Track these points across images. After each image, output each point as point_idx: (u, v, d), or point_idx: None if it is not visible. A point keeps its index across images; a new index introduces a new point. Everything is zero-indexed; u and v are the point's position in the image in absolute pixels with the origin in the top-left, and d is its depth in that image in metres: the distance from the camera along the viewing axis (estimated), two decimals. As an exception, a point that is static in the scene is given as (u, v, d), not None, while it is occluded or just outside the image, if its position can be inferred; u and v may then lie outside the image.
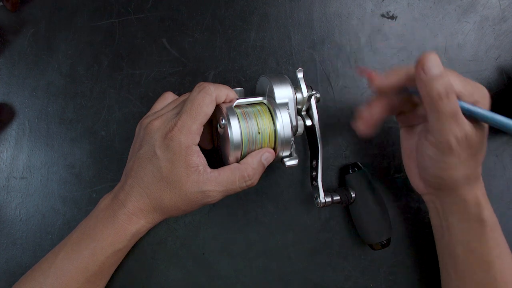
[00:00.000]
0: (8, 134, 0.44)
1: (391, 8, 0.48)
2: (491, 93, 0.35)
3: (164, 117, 0.36)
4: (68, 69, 0.45)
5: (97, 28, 0.45)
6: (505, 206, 0.46)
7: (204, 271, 0.44)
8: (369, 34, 0.47)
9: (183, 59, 0.46)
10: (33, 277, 0.35)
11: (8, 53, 0.44)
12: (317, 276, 0.45)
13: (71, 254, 0.35)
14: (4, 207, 0.43)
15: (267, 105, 0.38)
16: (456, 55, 0.47)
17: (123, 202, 0.35)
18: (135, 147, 0.37)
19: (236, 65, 0.46)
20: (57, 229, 0.43)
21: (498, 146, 0.47)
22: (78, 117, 0.44)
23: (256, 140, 0.36)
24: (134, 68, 0.45)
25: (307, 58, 0.47)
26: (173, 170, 0.34)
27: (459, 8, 0.48)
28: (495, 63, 0.48)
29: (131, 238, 0.36)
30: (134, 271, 0.43)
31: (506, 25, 0.48)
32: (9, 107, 0.44)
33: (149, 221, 0.37)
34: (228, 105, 0.36)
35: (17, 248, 0.43)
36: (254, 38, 0.46)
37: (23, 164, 0.43)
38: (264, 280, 0.44)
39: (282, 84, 0.38)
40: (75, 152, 0.44)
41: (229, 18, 0.46)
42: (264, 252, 0.44)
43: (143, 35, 0.45)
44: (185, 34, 0.46)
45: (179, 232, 0.44)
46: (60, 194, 0.43)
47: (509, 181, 0.46)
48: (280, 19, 0.47)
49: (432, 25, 0.48)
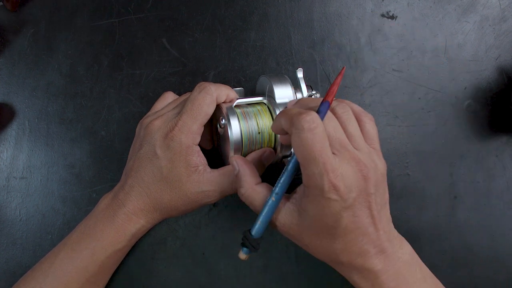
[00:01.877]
0: (8, 134, 0.44)
1: (391, 8, 0.48)
2: (491, 93, 0.35)
3: (165, 117, 0.36)
4: (68, 69, 0.45)
5: (97, 28, 0.45)
6: (505, 206, 0.46)
7: (204, 271, 0.44)
8: (369, 34, 0.47)
9: (183, 59, 0.46)
10: (33, 277, 0.35)
11: (8, 53, 0.44)
12: (317, 276, 0.45)
13: (71, 254, 0.35)
14: (4, 207, 0.43)
15: (267, 105, 0.38)
16: (456, 55, 0.47)
17: (123, 201, 0.35)
18: (135, 146, 0.37)
19: (236, 65, 0.46)
20: (57, 229, 0.43)
21: (498, 146, 0.47)
22: (78, 117, 0.44)
23: (256, 140, 0.36)
24: (134, 68, 0.45)
25: (307, 58, 0.47)
26: (174, 170, 0.34)
27: (459, 8, 0.48)
28: (495, 63, 0.48)
29: (131, 238, 0.36)
30: (134, 271, 0.43)
31: (506, 25, 0.48)
32: (9, 107, 0.44)
33: (149, 221, 0.37)
34: (228, 105, 0.36)
35: (17, 248, 0.43)
36: (254, 38, 0.46)
37: (23, 164, 0.43)
38: (264, 280, 0.44)
39: (282, 84, 0.38)
40: (75, 152, 0.44)
41: (229, 18, 0.46)
42: (264, 252, 0.44)
43: (143, 35, 0.45)
44: (185, 34, 0.46)
45: (179, 232, 0.44)
46: (60, 194, 0.43)
47: (509, 181, 0.46)
48: (280, 19, 0.47)
49: (432, 25, 0.48)
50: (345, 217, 0.28)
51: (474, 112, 0.47)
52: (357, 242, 0.29)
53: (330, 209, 0.28)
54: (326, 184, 0.27)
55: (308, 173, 0.28)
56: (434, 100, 0.47)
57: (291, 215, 0.31)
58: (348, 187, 0.28)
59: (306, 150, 0.27)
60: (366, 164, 0.29)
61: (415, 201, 0.46)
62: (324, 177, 0.27)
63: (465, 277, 0.45)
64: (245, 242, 0.31)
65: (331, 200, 0.28)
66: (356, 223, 0.29)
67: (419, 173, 0.46)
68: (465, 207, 0.46)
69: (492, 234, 0.45)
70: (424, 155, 0.46)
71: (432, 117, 0.47)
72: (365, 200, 0.29)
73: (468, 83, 0.47)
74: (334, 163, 0.28)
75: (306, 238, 0.31)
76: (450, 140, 0.46)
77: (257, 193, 0.32)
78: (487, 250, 0.45)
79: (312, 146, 0.27)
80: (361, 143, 0.31)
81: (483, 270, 0.45)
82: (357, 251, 0.30)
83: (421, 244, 0.46)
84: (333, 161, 0.28)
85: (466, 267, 0.45)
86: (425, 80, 0.47)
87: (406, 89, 0.47)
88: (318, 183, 0.28)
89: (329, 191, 0.27)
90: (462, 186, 0.46)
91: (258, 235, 0.31)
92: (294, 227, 0.31)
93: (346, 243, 0.29)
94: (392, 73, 0.47)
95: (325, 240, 0.30)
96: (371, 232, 0.29)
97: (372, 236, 0.30)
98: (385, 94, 0.47)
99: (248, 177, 0.33)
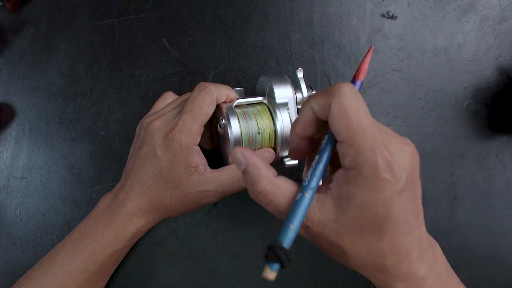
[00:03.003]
0: (8, 134, 0.44)
1: (391, 8, 0.48)
2: (491, 93, 0.35)
3: (165, 117, 0.36)
4: (68, 69, 0.45)
5: (97, 28, 0.45)
6: (505, 206, 0.46)
7: (204, 271, 0.44)
8: (369, 34, 0.47)
9: (183, 59, 0.46)
10: (33, 276, 0.35)
11: (8, 53, 0.44)
12: (317, 275, 0.45)
13: (71, 253, 0.35)
14: (4, 207, 0.43)
15: (267, 105, 0.38)
16: (456, 55, 0.47)
17: (123, 201, 0.35)
18: (135, 147, 0.37)
19: (236, 65, 0.46)
20: (57, 229, 0.43)
21: (498, 146, 0.47)
22: (78, 117, 0.44)
23: (256, 140, 0.36)
24: (134, 68, 0.45)
25: (307, 58, 0.47)
26: (174, 170, 0.34)
27: (459, 8, 0.48)
28: (495, 63, 0.48)
29: (131, 238, 0.36)
30: (134, 271, 0.43)
31: (506, 25, 0.48)
32: (9, 107, 0.44)
33: (149, 221, 0.37)
34: (228, 105, 0.36)
35: (17, 248, 0.43)
36: (254, 38, 0.46)
37: (23, 164, 0.43)
38: (264, 280, 0.44)
39: (282, 84, 0.38)
40: (75, 152, 0.44)
41: (229, 18, 0.46)
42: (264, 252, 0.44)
43: (143, 35, 0.45)
44: (185, 34, 0.46)
45: (179, 232, 0.44)
46: (60, 194, 0.43)
47: (509, 181, 0.46)
48: (280, 19, 0.47)
49: (432, 25, 0.48)
50: (397, 205, 0.23)
51: (474, 112, 0.47)
52: (404, 238, 0.24)
53: (384, 194, 0.23)
54: (380, 160, 0.22)
55: (355, 150, 0.23)
56: (434, 100, 0.47)
57: (327, 210, 0.25)
58: (400, 165, 0.23)
59: (353, 119, 0.22)
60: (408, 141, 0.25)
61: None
62: (377, 152, 0.22)
63: (465, 277, 0.44)
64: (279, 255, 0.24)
65: (385, 181, 0.22)
66: (405, 213, 0.24)
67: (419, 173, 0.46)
68: (465, 207, 0.46)
69: (492, 234, 0.45)
70: (424, 155, 0.46)
71: (432, 117, 0.47)
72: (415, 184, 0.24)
73: (468, 83, 0.47)
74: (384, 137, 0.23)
75: (346, 238, 0.24)
76: (450, 140, 0.46)
77: (280, 188, 0.25)
78: (487, 250, 0.45)
79: (359, 114, 0.22)
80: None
81: (483, 270, 0.45)
82: (403, 251, 0.24)
83: (421, 244, 0.46)
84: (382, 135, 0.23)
85: (466, 267, 0.45)
86: (425, 80, 0.47)
87: (406, 89, 0.47)
88: (370, 160, 0.22)
89: (384, 170, 0.22)
90: (462, 186, 0.46)
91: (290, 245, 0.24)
92: (331, 224, 0.24)
93: (395, 240, 0.24)
94: (392, 73, 0.47)
95: (370, 238, 0.24)
96: (416, 226, 0.25)
97: (417, 232, 0.25)
98: (385, 94, 0.47)
99: (264, 169, 0.25)
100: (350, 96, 0.23)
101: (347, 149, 0.23)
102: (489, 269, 0.45)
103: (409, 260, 0.25)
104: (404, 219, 0.24)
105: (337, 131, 0.23)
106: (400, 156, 0.23)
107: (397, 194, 0.23)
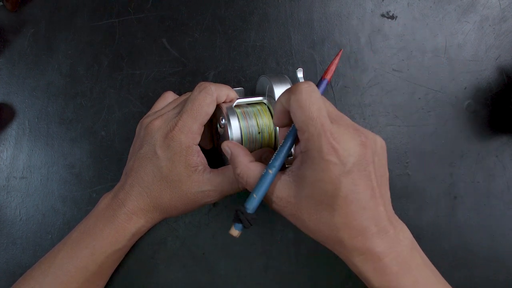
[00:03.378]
0: (8, 134, 0.44)
1: (391, 8, 0.48)
2: (491, 93, 0.35)
3: (165, 116, 0.36)
4: (68, 69, 0.45)
5: (97, 28, 0.45)
6: (505, 206, 0.46)
7: (204, 271, 0.44)
8: (369, 34, 0.47)
9: (183, 59, 0.46)
10: (33, 276, 0.35)
11: (8, 53, 0.44)
12: (317, 275, 0.45)
13: (71, 253, 0.35)
14: (4, 207, 0.43)
15: (267, 105, 0.38)
16: (456, 55, 0.47)
17: (123, 201, 0.35)
18: (136, 146, 0.37)
19: (236, 65, 0.46)
20: (57, 229, 0.43)
21: (498, 146, 0.47)
22: (78, 117, 0.44)
23: (256, 140, 0.36)
24: (134, 68, 0.45)
25: (307, 58, 0.47)
26: (174, 170, 0.34)
27: (459, 8, 0.48)
28: (495, 63, 0.48)
29: (131, 238, 0.36)
30: (134, 271, 0.43)
31: (506, 25, 0.48)
32: (9, 107, 0.44)
33: (149, 221, 0.37)
34: (228, 105, 0.36)
35: (17, 248, 0.43)
36: (254, 38, 0.46)
37: (23, 164, 0.43)
38: (264, 280, 0.44)
39: (282, 84, 0.39)
40: (75, 152, 0.44)
41: (229, 18, 0.46)
42: (264, 252, 0.44)
43: (143, 35, 0.45)
44: (185, 34, 0.46)
45: (179, 232, 0.44)
46: (60, 194, 0.43)
47: (509, 181, 0.46)
48: (280, 19, 0.47)
49: (432, 25, 0.48)
50: (344, 184, 0.27)
51: (474, 112, 0.47)
52: (358, 215, 0.28)
53: (330, 173, 0.27)
54: (324, 145, 0.27)
55: (306, 137, 0.28)
56: (434, 100, 0.47)
57: (288, 187, 0.30)
58: (347, 150, 0.27)
59: (304, 111, 0.28)
60: (364, 133, 0.29)
61: (415, 201, 0.46)
62: (322, 138, 0.27)
63: (465, 277, 0.45)
64: (240, 217, 0.30)
65: (330, 162, 0.27)
66: (356, 193, 0.28)
67: (419, 173, 0.46)
68: (465, 207, 0.46)
69: (492, 234, 0.45)
70: (424, 155, 0.46)
71: (432, 117, 0.47)
72: (365, 168, 0.28)
73: (468, 83, 0.47)
74: (332, 127, 0.28)
75: (304, 212, 0.29)
76: (450, 140, 0.46)
77: (251, 170, 0.31)
78: (487, 250, 0.45)
79: (310, 107, 0.27)
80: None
81: (483, 270, 0.45)
82: (357, 226, 0.28)
83: (421, 244, 0.45)
84: (331, 125, 0.28)
85: (466, 267, 0.45)
86: (425, 80, 0.47)
87: (406, 89, 0.47)
88: (316, 144, 0.27)
89: (328, 153, 0.27)
90: (462, 186, 0.46)
91: (253, 211, 0.30)
92: (291, 199, 0.30)
93: (347, 215, 0.28)
94: (392, 73, 0.47)
95: (324, 213, 0.28)
96: (371, 206, 0.28)
97: (373, 211, 0.28)
98: (385, 94, 0.47)
99: (242, 157, 0.32)
100: (306, 92, 0.28)
101: (301, 136, 0.28)
102: (489, 269, 0.45)
103: (364, 236, 0.28)
104: (355, 198, 0.28)
105: (295, 121, 0.29)
106: (347, 143, 0.28)
107: (343, 175, 0.27)
